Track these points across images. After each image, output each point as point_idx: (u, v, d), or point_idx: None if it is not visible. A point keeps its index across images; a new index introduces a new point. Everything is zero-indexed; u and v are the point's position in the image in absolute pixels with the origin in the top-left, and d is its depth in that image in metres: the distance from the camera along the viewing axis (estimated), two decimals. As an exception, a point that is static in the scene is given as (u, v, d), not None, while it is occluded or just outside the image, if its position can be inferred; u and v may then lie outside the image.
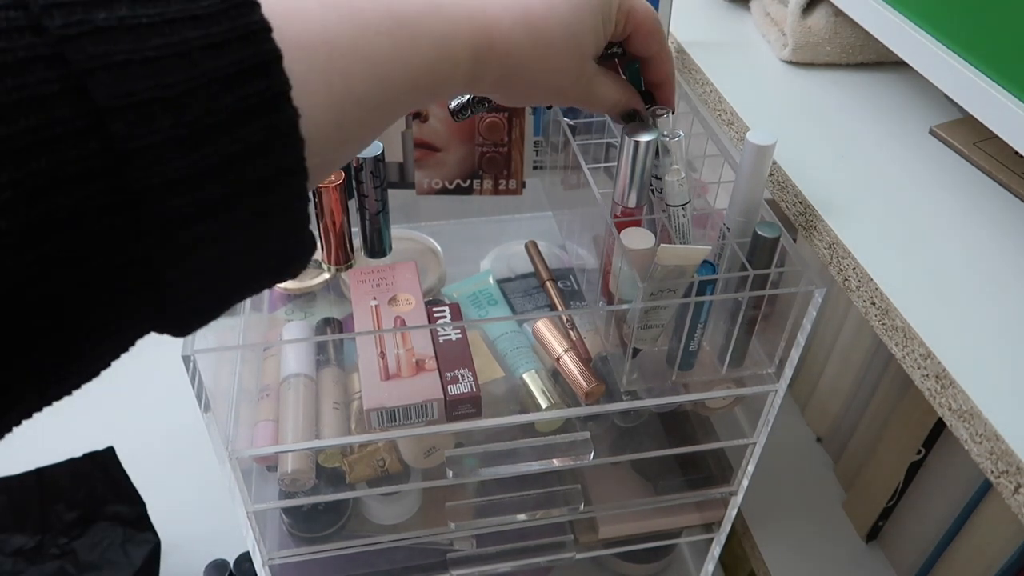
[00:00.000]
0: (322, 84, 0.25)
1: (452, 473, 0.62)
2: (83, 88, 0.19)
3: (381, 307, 0.63)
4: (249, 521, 0.61)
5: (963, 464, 0.69)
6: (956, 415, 0.43)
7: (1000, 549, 0.65)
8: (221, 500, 0.64)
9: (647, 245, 0.52)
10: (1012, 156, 0.57)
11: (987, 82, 0.50)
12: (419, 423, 0.58)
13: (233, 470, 0.56)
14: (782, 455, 0.89)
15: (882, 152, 0.61)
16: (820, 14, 0.68)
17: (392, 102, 0.29)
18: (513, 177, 0.74)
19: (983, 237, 0.53)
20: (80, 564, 0.91)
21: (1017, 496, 0.40)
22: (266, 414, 0.59)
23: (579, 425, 0.64)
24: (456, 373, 0.59)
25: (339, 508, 0.69)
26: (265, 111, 0.22)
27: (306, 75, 0.24)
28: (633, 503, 0.74)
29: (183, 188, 0.21)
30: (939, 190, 0.57)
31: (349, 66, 0.26)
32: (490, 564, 0.73)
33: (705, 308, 0.53)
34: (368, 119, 0.28)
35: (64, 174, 0.19)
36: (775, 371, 0.59)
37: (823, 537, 0.83)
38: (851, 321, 0.82)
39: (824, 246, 0.54)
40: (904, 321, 0.46)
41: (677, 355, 0.56)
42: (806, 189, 0.56)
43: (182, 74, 0.20)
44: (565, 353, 0.61)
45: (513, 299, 0.70)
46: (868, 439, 0.81)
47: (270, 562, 0.66)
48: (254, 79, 0.22)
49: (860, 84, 0.69)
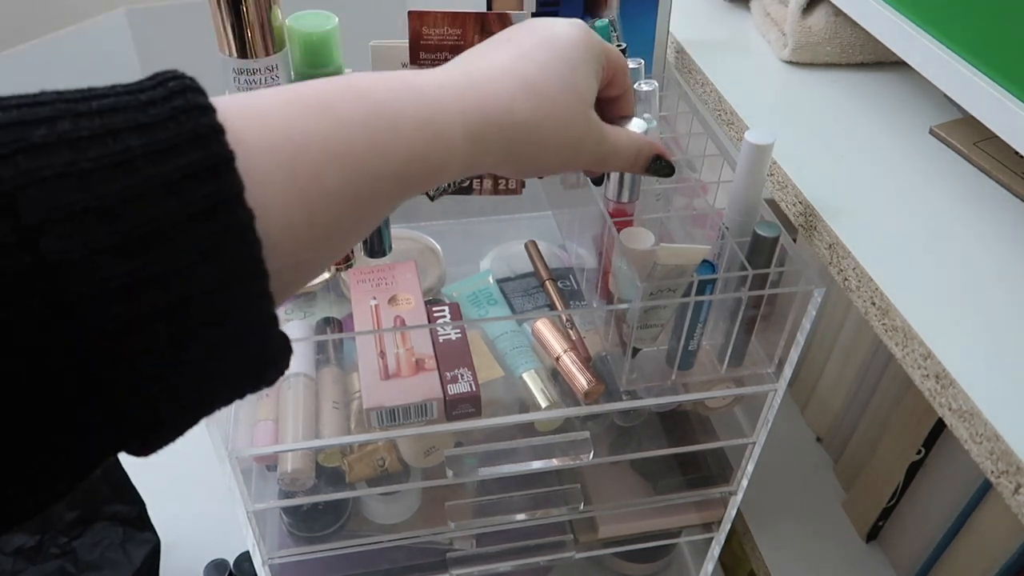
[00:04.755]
0: (288, 182, 0.24)
1: (452, 472, 0.62)
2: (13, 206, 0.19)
3: (381, 307, 0.63)
4: (249, 521, 0.61)
5: (963, 464, 0.69)
6: (956, 415, 0.43)
7: (1000, 549, 0.65)
8: (221, 500, 0.64)
9: (647, 245, 0.53)
10: (1012, 156, 0.57)
11: (987, 82, 0.50)
12: (419, 423, 0.58)
13: (233, 470, 0.56)
14: (782, 455, 0.89)
15: (882, 152, 0.61)
16: (820, 14, 0.68)
17: (375, 194, 0.28)
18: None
19: (983, 237, 0.52)
20: (80, 563, 0.91)
21: (1017, 496, 0.40)
22: (266, 414, 0.59)
23: (579, 424, 0.64)
24: (456, 373, 0.59)
25: (339, 508, 0.69)
26: (214, 214, 0.21)
27: (268, 174, 0.24)
28: (633, 503, 0.74)
29: (120, 297, 0.20)
30: (939, 190, 0.57)
31: (318, 161, 0.25)
32: (490, 564, 0.73)
33: (705, 308, 0.53)
34: (349, 213, 0.27)
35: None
36: (775, 371, 0.59)
37: (823, 537, 0.83)
38: (851, 321, 0.82)
39: (824, 246, 0.54)
40: (904, 321, 0.46)
41: (677, 355, 0.56)
42: (806, 189, 0.56)
43: (119, 183, 0.20)
44: (565, 353, 0.61)
45: (513, 299, 0.70)
46: (868, 439, 0.81)
47: (270, 561, 0.66)
48: (202, 183, 0.21)
49: (860, 84, 0.68)
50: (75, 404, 0.20)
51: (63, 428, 0.21)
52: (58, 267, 0.19)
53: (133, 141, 0.20)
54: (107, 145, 0.20)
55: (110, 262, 0.20)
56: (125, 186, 0.20)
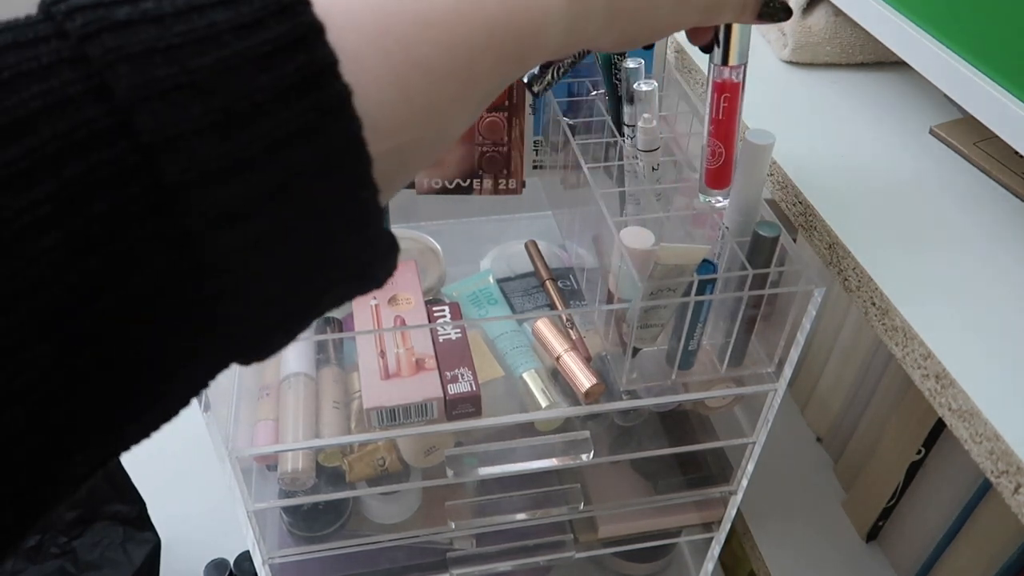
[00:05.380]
0: (379, 55, 0.22)
1: (452, 472, 0.62)
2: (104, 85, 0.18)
3: (381, 306, 0.63)
4: (249, 520, 0.61)
5: (963, 464, 0.69)
6: (956, 415, 0.43)
7: (1000, 549, 0.66)
8: (221, 499, 0.64)
9: (647, 245, 0.53)
10: (1012, 156, 0.57)
11: (987, 82, 0.50)
12: (419, 422, 0.58)
13: (233, 469, 0.56)
14: (782, 455, 0.89)
15: (882, 152, 0.61)
16: (820, 14, 0.68)
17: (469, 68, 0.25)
18: (513, 177, 0.74)
19: (983, 237, 0.53)
20: (80, 563, 0.91)
21: (1017, 496, 0.40)
22: (266, 413, 0.60)
23: (579, 424, 0.64)
24: (456, 372, 0.59)
25: (339, 507, 0.69)
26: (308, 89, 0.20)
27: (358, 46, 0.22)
28: (633, 502, 0.74)
29: (222, 180, 0.19)
30: (939, 190, 0.57)
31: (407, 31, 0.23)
32: (490, 563, 0.73)
33: (705, 307, 0.53)
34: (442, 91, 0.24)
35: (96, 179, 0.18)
36: (775, 370, 0.59)
37: (823, 537, 0.83)
38: (851, 321, 0.82)
39: (824, 246, 0.54)
40: (904, 321, 0.46)
41: (677, 354, 0.56)
42: (806, 189, 0.56)
43: (209, 58, 0.19)
44: (565, 352, 0.61)
45: (513, 298, 0.70)
46: (868, 439, 0.81)
47: (270, 561, 0.66)
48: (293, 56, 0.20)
49: (860, 84, 0.69)
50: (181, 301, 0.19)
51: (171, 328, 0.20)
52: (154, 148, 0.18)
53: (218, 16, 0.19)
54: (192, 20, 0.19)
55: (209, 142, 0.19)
56: (216, 59, 0.19)
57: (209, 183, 0.19)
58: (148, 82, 0.18)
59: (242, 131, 0.19)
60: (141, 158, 0.18)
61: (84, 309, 0.18)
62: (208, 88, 0.19)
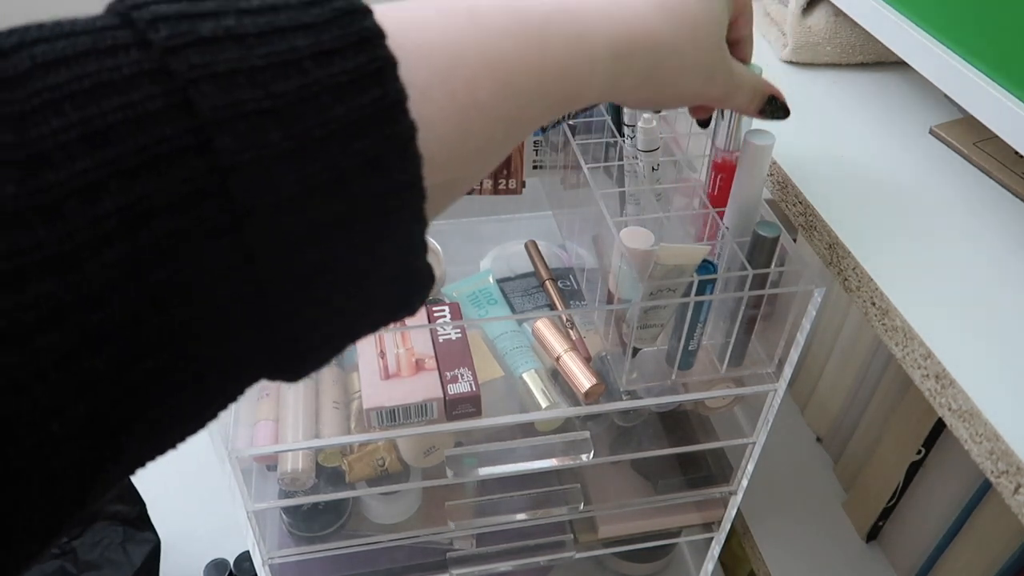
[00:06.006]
0: (445, 93, 0.23)
1: (452, 472, 0.62)
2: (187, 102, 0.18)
3: (381, 307, 0.63)
4: (249, 520, 0.61)
5: (963, 464, 0.69)
6: (956, 415, 0.43)
7: (1000, 549, 0.65)
8: (221, 500, 0.64)
9: (647, 245, 0.53)
10: (1012, 156, 0.57)
11: (987, 82, 0.50)
12: (419, 422, 0.58)
13: (233, 469, 0.56)
14: (782, 455, 0.89)
15: (882, 152, 0.61)
16: (820, 14, 0.68)
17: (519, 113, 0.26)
18: (513, 177, 0.74)
19: (983, 237, 0.53)
20: (80, 563, 0.91)
21: (1017, 496, 0.40)
22: (266, 413, 0.60)
23: (579, 424, 0.64)
24: (456, 372, 0.59)
25: (339, 507, 0.69)
26: (380, 122, 0.20)
27: (428, 83, 0.22)
28: (633, 502, 0.74)
29: (294, 206, 0.19)
30: (939, 190, 0.57)
31: (473, 73, 0.24)
32: (490, 563, 0.73)
33: (705, 307, 0.53)
34: (495, 132, 0.25)
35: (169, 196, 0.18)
36: (775, 371, 0.59)
37: (823, 537, 0.83)
38: (851, 321, 0.82)
39: (824, 246, 0.54)
40: (904, 321, 0.46)
41: (677, 354, 0.56)
42: (806, 189, 0.56)
43: (291, 83, 0.19)
44: (565, 353, 0.61)
45: (513, 298, 0.70)
46: (868, 439, 0.81)
47: (270, 561, 0.66)
48: (368, 88, 0.20)
49: (860, 84, 0.68)
50: (236, 320, 0.20)
51: (227, 342, 0.20)
52: (232, 170, 0.18)
53: (300, 41, 0.19)
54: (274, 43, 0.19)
55: (284, 168, 0.19)
56: (298, 86, 0.19)
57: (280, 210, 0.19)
58: (232, 103, 0.18)
59: (315, 160, 0.19)
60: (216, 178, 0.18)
61: (144, 324, 0.18)
62: (288, 114, 0.19)
